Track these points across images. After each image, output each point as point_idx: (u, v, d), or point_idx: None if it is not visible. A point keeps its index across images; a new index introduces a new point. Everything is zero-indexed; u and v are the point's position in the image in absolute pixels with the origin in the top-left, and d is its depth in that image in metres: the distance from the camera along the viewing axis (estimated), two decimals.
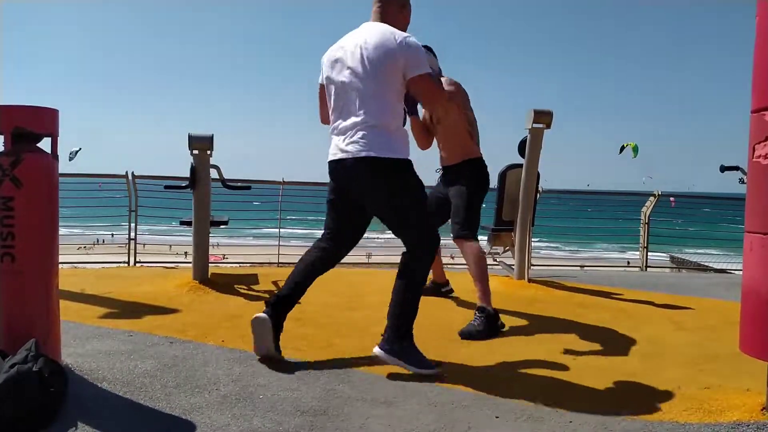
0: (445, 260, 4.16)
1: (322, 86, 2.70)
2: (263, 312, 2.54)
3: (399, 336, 2.49)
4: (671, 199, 8.63)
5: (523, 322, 3.43)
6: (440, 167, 3.72)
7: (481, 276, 3.30)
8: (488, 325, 3.14)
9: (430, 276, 3.97)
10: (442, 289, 4.06)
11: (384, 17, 2.61)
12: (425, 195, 2.68)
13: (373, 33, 2.50)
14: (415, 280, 2.55)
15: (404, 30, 2.61)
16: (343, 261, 2.79)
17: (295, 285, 2.61)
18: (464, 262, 3.44)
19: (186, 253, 4.20)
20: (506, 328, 3.24)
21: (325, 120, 2.76)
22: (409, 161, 2.55)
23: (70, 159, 7.31)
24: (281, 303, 2.57)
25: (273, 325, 2.52)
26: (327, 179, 2.68)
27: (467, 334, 3.07)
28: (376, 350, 2.50)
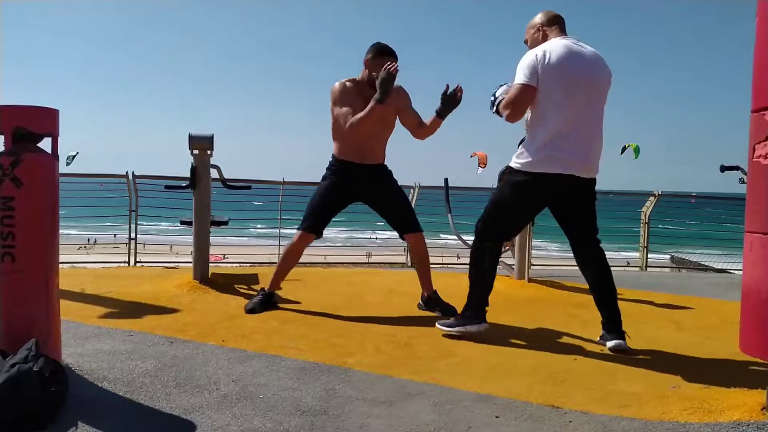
0: (450, 260, 4.15)
1: (532, 88, 2.74)
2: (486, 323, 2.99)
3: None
4: (692, 200, 8.67)
5: (523, 322, 3.43)
6: (361, 164, 3.51)
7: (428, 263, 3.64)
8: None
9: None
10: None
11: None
12: None
13: (600, 58, 2.80)
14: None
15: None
16: (343, 261, 2.79)
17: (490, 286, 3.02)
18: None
19: (192, 252, 4.21)
20: (505, 322, 3.25)
21: (515, 119, 2.86)
22: None
23: (68, 164, 7.30)
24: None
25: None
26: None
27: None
28: (623, 345, 2.81)
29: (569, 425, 1.97)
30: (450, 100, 3.34)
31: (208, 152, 4.21)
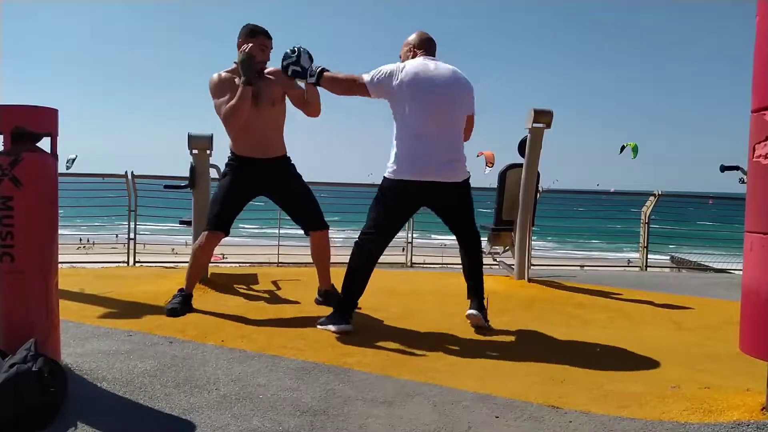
0: (450, 260, 4.14)
1: (366, 91, 2.98)
2: (348, 325, 3.02)
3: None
4: (710, 201, 8.70)
5: (522, 322, 3.43)
6: (252, 157, 3.37)
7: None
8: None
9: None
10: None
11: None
12: None
13: (457, 73, 3.04)
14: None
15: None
16: (343, 261, 2.81)
17: (363, 287, 3.14)
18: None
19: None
20: (506, 325, 3.24)
21: (336, 93, 3.09)
22: None
23: (67, 168, 7.32)
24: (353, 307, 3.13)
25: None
26: (326, 179, 2.70)
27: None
28: (478, 318, 3.14)
29: (569, 425, 1.97)
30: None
31: (208, 152, 4.21)
